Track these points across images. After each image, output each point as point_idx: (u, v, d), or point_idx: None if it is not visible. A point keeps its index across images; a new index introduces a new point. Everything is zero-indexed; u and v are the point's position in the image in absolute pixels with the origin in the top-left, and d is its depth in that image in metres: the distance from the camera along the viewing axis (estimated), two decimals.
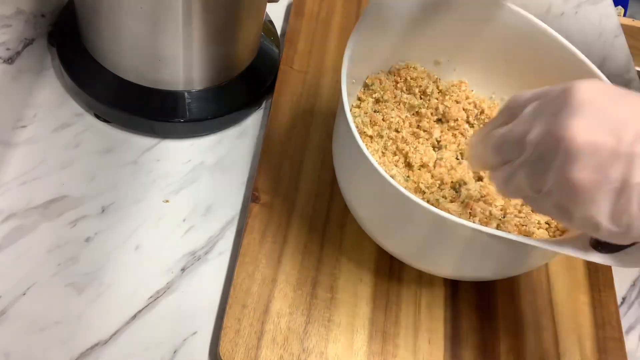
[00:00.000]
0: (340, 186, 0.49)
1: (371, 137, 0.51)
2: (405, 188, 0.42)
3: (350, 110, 0.49)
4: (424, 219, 0.41)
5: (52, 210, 0.50)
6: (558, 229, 0.48)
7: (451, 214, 0.41)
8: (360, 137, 0.49)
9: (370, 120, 0.51)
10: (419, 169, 0.50)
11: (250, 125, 0.59)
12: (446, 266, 0.45)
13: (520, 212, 0.48)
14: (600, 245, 0.37)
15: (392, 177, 0.47)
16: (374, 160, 0.41)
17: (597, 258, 0.37)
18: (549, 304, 0.50)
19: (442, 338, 0.47)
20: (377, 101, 0.53)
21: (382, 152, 0.51)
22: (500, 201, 0.48)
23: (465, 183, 0.49)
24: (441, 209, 0.42)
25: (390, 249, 0.47)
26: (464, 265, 0.44)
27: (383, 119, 0.52)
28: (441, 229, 0.41)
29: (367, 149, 0.43)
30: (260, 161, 0.55)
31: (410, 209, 0.40)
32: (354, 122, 0.45)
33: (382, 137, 0.51)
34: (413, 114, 0.53)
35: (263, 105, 0.61)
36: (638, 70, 0.77)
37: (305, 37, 0.65)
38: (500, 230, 0.45)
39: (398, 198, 0.40)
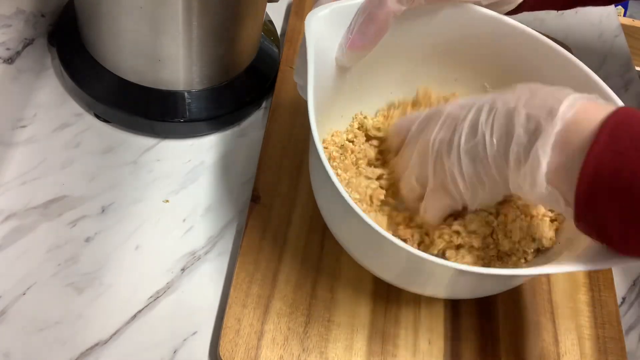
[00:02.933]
0: (318, 205, 0.47)
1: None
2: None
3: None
4: (399, 257, 0.39)
5: (52, 210, 0.50)
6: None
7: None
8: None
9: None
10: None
11: (250, 125, 0.59)
12: (436, 292, 0.45)
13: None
14: None
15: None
16: (345, 193, 0.38)
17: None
18: (549, 304, 0.50)
19: (442, 338, 0.47)
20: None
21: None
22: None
23: None
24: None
25: (376, 274, 0.46)
26: (455, 291, 0.44)
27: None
28: (420, 268, 0.40)
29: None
30: (260, 161, 0.55)
31: (384, 246, 0.38)
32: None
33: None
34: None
35: (263, 105, 0.61)
36: (638, 70, 0.77)
37: None
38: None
39: (371, 234, 0.38)
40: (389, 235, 0.37)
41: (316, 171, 0.44)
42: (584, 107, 0.34)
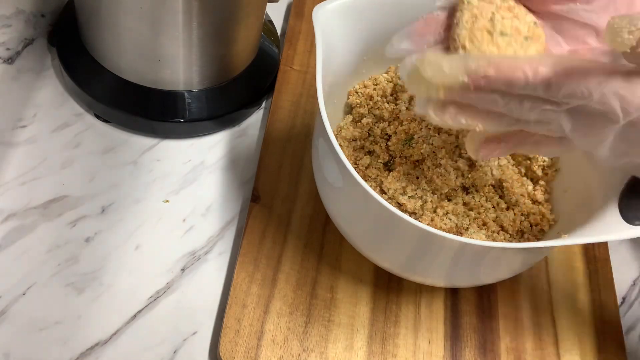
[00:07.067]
0: (322, 199, 0.47)
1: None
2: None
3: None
4: (408, 234, 0.39)
5: (52, 210, 0.50)
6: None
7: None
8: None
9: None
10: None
11: (250, 125, 0.59)
12: (438, 278, 0.45)
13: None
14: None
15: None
16: (356, 174, 0.39)
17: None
18: (549, 304, 0.50)
19: (442, 338, 0.47)
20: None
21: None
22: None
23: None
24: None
25: (379, 262, 0.46)
26: (457, 275, 0.44)
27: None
28: (429, 243, 0.40)
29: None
30: (260, 161, 0.55)
31: (395, 224, 0.39)
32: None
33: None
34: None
35: (263, 105, 0.61)
36: None
37: (305, 37, 0.65)
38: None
39: (383, 213, 0.38)
40: (404, 215, 0.37)
41: (323, 153, 0.43)
42: None
